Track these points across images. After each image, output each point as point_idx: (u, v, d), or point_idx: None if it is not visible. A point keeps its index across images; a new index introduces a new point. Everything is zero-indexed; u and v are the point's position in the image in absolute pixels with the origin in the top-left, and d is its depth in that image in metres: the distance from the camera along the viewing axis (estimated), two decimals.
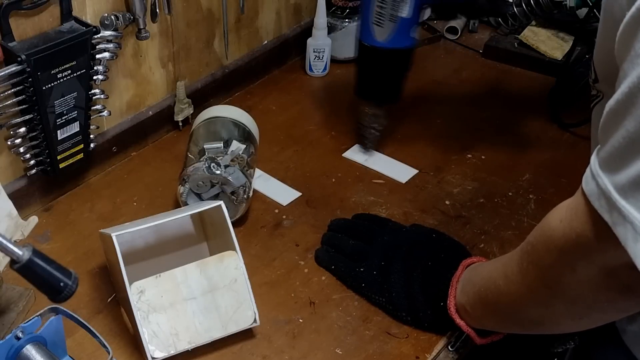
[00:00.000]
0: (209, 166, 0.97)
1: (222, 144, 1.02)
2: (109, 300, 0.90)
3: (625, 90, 0.52)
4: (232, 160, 0.99)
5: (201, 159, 0.98)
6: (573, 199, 0.62)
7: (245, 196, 0.98)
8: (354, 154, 1.15)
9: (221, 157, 0.98)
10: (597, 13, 1.17)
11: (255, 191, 1.05)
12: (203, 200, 0.98)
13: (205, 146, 1.01)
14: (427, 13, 1.42)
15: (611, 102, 0.54)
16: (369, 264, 0.90)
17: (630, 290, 0.61)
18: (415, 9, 1.01)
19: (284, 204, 1.06)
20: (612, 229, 0.54)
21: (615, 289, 0.62)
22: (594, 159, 0.57)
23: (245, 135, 1.06)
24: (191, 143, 1.05)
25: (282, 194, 1.08)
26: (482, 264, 0.83)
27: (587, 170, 0.58)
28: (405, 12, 1.00)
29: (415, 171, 1.12)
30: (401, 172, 1.12)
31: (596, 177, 0.56)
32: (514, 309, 0.75)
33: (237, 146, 1.02)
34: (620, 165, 0.53)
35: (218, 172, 0.96)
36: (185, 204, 0.99)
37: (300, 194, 1.08)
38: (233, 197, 0.98)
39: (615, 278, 0.61)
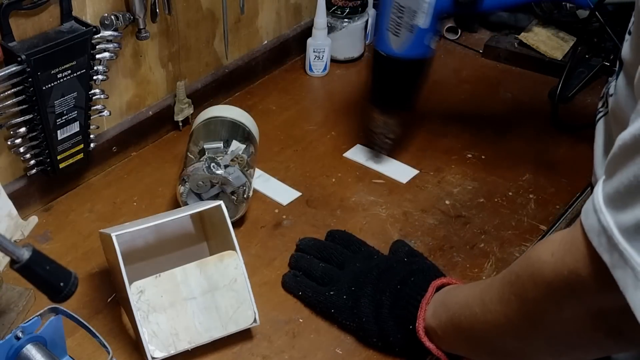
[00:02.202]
0: (209, 166, 0.97)
1: (222, 144, 1.02)
2: (109, 300, 0.90)
3: None
4: (232, 160, 0.99)
5: (201, 159, 0.98)
6: (569, 232, 0.58)
7: (245, 196, 0.98)
8: (355, 154, 1.15)
9: (221, 157, 0.99)
10: (598, 16, 1.17)
11: (255, 191, 1.05)
12: (203, 200, 0.98)
13: (205, 146, 1.01)
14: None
15: (625, 136, 0.51)
16: (338, 288, 0.86)
17: (619, 334, 0.59)
18: (433, 19, 0.99)
19: (284, 204, 1.06)
20: (611, 271, 0.51)
21: (602, 331, 0.59)
22: (598, 193, 0.54)
23: (245, 135, 1.06)
24: (191, 143, 1.05)
25: (282, 194, 1.08)
26: (457, 287, 0.79)
27: (589, 203, 0.55)
28: (422, 21, 0.99)
29: (415, 171, 1.12)
30: (401, 172, 1.12)
31: (598, 212, 0.53)
32: (489, 338, 0.71)
33: (237, 146, 1.02)
34: (628, 204, 0.50)
35: (218, 172, 0.96)
36: (185, 204, 0.99)
37: (300, 194, 1.08)
38: (233, 197, 0.98)
39: (604, 320, 0.58)
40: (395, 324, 0.81)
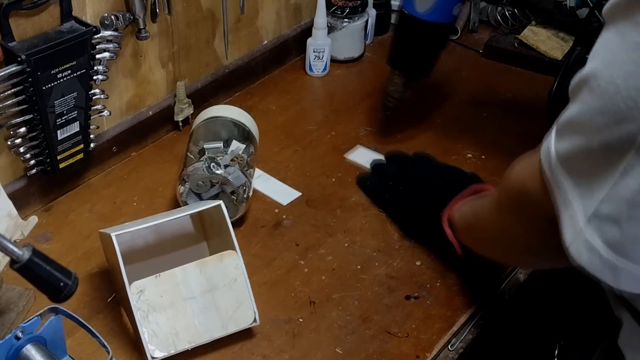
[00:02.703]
0: (209, 166, 0.97)
1: (222, 144, 1.02)
2: (109, 300, 0.90)
3: (578, 78, 0.56)
4: (232, 160, 0.99)
5: (201, 159, 0.98)
6: (534, 151, 0.65)
7: (245, 196, 0.98)
8: (355, 154, 1.15)
9: (221, 157, 0.99)
10: (597, 14, 1.16)
11: (255, 191, 1.05)
12: (203, 200, 0.98)
13: (205, 146, 1.01)
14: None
15: (575, 76, 0.57)
16: (397, 180, 1.01)
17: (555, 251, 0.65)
18: None
19: (284, 204, 1.06)
20: (549, 187, 0.59)
21: (538, 239, 0.68)
22: (556, 122, 0.60)
23: (245, 135, 1.06)
24: (191, 143, 1.05)
25: (282, 193, 1.08)
26: (482, 196, 0.89)
27: (550, 130, 0.62)
28: None
29: None
30: None
31: (549, 135, 0.60)
32: (483, 233, 0.83)
33: (237, 146, 1.03)
34: (563, 136, 0.58)
35: (218, 172, 0.96)
36: (185, 203, 0.99)
37: (300, 193, 1.08)
38: (233, 196, 0.98)
39: (538, 226, 0.66)
40: (428, 210, 0.94)
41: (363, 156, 1.14)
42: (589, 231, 0.54)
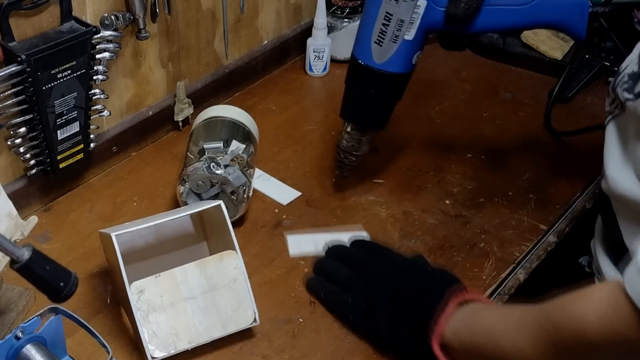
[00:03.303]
0: (209, 166, 0.97)
1: (221, 144, 1.02)
2: (109, 300, 0.90)
3: None
4: (232, 160, 0.99)
5: (201, 159, 0.98)
6: (612, 294, 0.59)
7: (245, 196, 0.98)
8: (293, 246, 1.01)
9: (221, 157, 0.99)
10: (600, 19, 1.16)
11: (255, 191, 1.05)
12: (203, 200, 0.98)
13: (205, 146, 1.01)
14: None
15: None
16: (357, 294, 0.86)
17: None
18: (421, 32, 0.93)
19: (284, 204, 1.06)
20: None
21: None
22: None
23: (245, 135, 1.06)
24: (191, 143, 1.05)
25: (282, 193, 1.08)
26: (483, 310, 0.78)
27: (631, 268, 0.56)
28: (410, 34, 0.92)
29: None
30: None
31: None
32: None
33: (237, 146, 1.03)
34: None
35: (218, 171, 0.96)
36: (185, 203, 0.99)
37: (300, 193, 1.08)
38: (233, 196, 0.98)
39: None
40: (410, 335, 0.80)
41: (300, 244, 1.00)
42: None
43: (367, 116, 1.02)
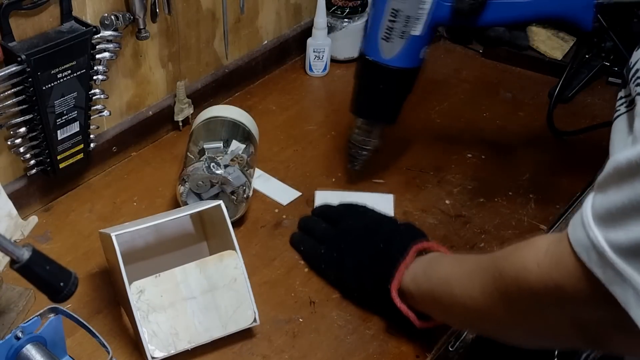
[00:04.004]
0: (209, 166, 0.97)
1: (221, 144, 1.02)
2: (109, 300, 0.90)
3: None
4: (232, 160, 0.99)
5: (201, 159, 0.98)
6: (554, 244, 0.60)
7: (245, 196, 0.98)
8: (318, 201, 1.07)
9: (221, 157, 0.99)
10: (599, 16, 1.16)
11: (255, 191, 1.05)
12: (203, 200, 0.98)
13: (205, 146, 1.01)
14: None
15: (621, 159, 0.52)
16: (328, 246, 0.92)
17: (595, 342, 0.61)
18: (428, 28, 0.94)
19: (284, 204, 1.06)
20: (607, 287, 0.53)
21: (580, 338, 0.61)
22: (587, 209, 0.55)
23: (245, 135, 1.06)
24: (191, 143, 1.05)
25: (282, 193, 1.08)
26: (440, 259, 0.82)
27: (577, 217, 0.56)
28: (417, 30, 0.93)
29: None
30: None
31: (587, 227, 0.54)
32: (467, 318, 0.75)
33: (237, 146, 1.03)
34: (620, 224, 0.52)
35: (218, 172, 0.96)
36: (185, 203, 0.99)
37: (300, 193, 1.08)
38: (233, 196, 0.98)
39: (584, 330, 0.60)
40: (373, 280, 0.85)
41: (327, 199, 1.05)
42: None
43: (376, 111, 1.04)
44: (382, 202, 1.04)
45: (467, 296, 0.72)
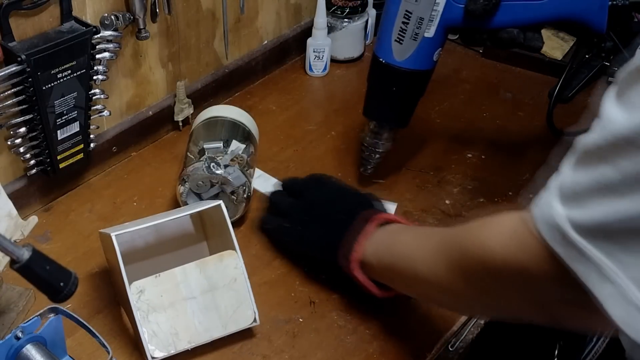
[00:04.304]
0: (209, 166, 0.97)
1: (221, 144, 1.02)
2: (109, 300, 0.90)
3: (609, 137, 0.51)
4: (231, 160, 0.99)
5: (201, 159, 0.98)
6: (519, 224, 0.60)
7: (245, 196, 0.98)
8: (258, 183, 1.09)
9: (221, 157, 0.99)
10: None
11: (255, 191, 1.05)
12: (203, 200, 0.98)
13: (205, 146, 1.01)
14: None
15: (587, 141, 0.53)
16: (292, 219, 0.93)
17: (555, 321, 0.62)
18: (440, 29, 0.93)
19: None
20: (569, 265, 0.53)
21: (540, 316, 0.62)
22: (553, 189, 0.56)
23: (245, 135, 1.06)
24: (191, 143, 1.05)
25: None
26: (402, 232, 0.82)
27: (542, 197, 0.57)
28: (430, 32, 0.93)
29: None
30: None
31: (551, 206, 0.55)
32: (428, 292, 0.77)
33: (236, 146, 1.03)
34: (584, 205, 0.52)
35: (218, 172, 0.96)
36: (185, 203, 0.99)
37: None
38: (233, 196, 0.98)
39: (544, 309, 0.60)
40: (336, 254, 0.86)
41: (264, 183, 1.08)
42: None
43: (389, 113, 1.04)
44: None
45: (429, 272, 0.72)
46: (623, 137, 0.50)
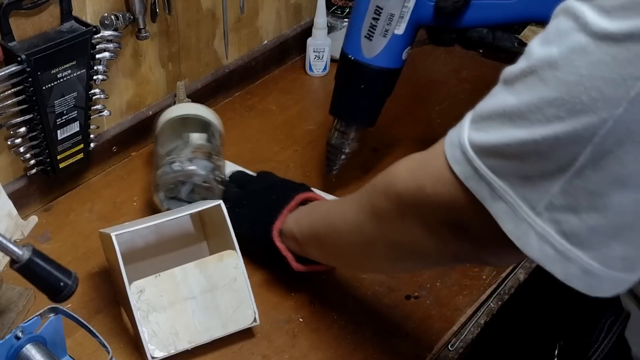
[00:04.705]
0: (171, 166, 0.96)
1: (180, 142, 1.01)
2: (109, 300, 0.90)
3: (522, 66, 0.55)
4: (193, 152, 0.98)
5: (163, 163, 0.97)
6: (426, 151, 0.62)
7: (218, 179, 0.97)
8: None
9: (182, 153, 0.98)
10: None
11: None
12: (182, 201, 0.97)
13: (165, 150, 1.00)
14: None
15: (506, 70, 0.57)
16: (232, 205, 0.93)
17: (459, 255, 0.63)
18: (410, 27, 0.93)
19: None
20: (464, 182, 0.55)
21: (435, 243, 0.63)
22: (468, 115, 0.59)
23: (203, 125, 1.04)
24: (155, 153, 1.03)
25: None
26: (324, 202, 0.88)
27: (454, 128, 0.60)
28: (400, 29, 0.93)
29: None
30: None
31: (460, 127, 0.58)
32: (341, 243, 0.78)
33: (196, 138, 1.01)
34: (486, 127, 0.55)
35: (180, 167, 0.96)
36: (168, 209, 0.97)
37: None
38: (207, 184, 0.97)
39: (438, 234, 0.62)
40: (261, 229, 0.89)
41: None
42: (540, 223, 0.52)
43: (356, 112, 1.02)
44: None
45: (344, 221, 0.75)
46: (529, 66, 0.53)
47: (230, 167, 1.06)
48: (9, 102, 0.91)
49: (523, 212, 0.52)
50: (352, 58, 0.97)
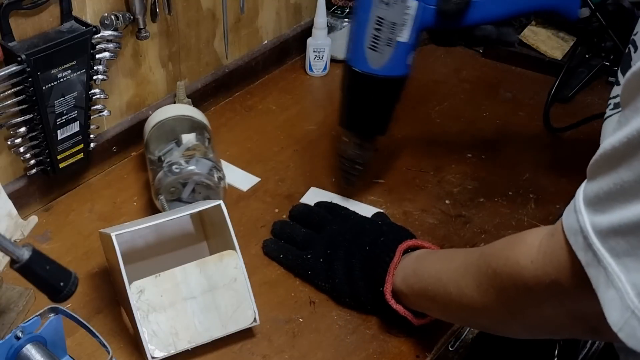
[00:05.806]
0: (170, 169, 0.96)
1: (174, 144, 1.01)
2: (109, 300, 0.90)
3: (623, 140, 0.51)
4: (188, 153, 0.98)
5: (162, 167, 0.97)
6: (546, 238, 0.61)
7: (218, 177, 0.98)
8: (308, 198, 1.07)
9: (177, 155, 0.98)
10: (599, 16, 1.16)
11: (255, 191, 1.05)
12: (184, 202, 0.98)
13: (159, 154, 1.00)
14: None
15: (607, 145, 0.53)
16: (315, 252, 0.92)
17: (595, 332, 0.61)
18: (415, 33, 0.92)
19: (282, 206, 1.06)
20: (585, 269, 0.54)
21: (580, 328, 0.62)
22: (579, 195, 0.56)
23: (192, 125, 1.04)
24: (148, 157, 1.04)
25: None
26: (429, 255, 0.83)
27: (570, 204, 0.57)
28: (404, 36, 0.91)
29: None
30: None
31: (578, 213, 0.55)
32: (464, 315, 0.76)
33: (187, 138, 1.01)
34: (605, 208, 0.53)
35: (179, 169, 0.96)
36: None
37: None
38: (208, 182, 0.97)
39: (582, 321, 0.60)
40: (365, 285, 0.86)
41: (317, 198, 1.05)
42: None
43: (370, 123, 1.01)
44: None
45: (462, 294, 0.72)
46: (634, 137, 0.50)
47: (313, 195, 1.05)
48: (9, 102, 0.91)
49: (629, 300, 0.50)
50: (360, 71, 0.95)
